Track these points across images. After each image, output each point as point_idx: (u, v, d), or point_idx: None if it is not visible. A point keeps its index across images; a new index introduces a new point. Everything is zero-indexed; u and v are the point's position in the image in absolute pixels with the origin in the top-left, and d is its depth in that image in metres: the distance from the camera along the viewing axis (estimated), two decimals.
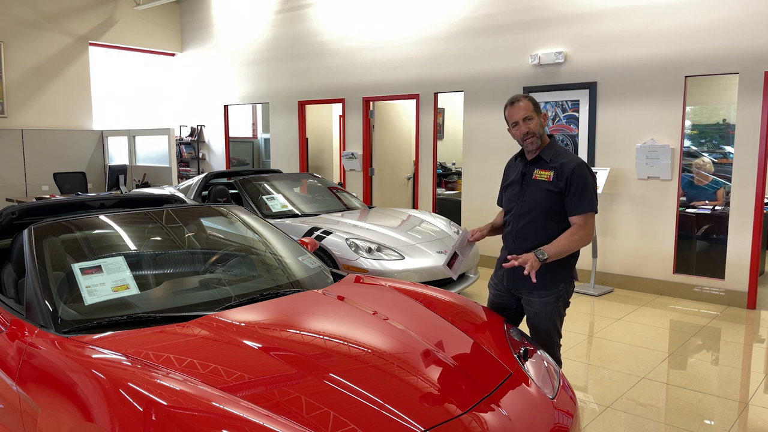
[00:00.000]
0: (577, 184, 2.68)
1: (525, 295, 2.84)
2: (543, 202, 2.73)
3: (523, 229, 2.78)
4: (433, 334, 2.40)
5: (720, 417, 3.40)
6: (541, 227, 2.74)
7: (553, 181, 2.71)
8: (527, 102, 2.75)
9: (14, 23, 8.90)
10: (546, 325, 2.83)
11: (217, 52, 10.29)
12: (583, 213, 2.69)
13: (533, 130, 2.74)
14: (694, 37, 5.60)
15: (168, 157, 8.98)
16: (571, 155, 2.78)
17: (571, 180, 2.68)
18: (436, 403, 1.93)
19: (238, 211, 3.42)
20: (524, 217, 2.78)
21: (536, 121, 2.74)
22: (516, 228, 2.82)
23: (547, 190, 2.72)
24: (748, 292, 5.50)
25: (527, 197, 2.78)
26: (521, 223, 2.79)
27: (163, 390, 1.79)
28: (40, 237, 2.61)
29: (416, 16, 7.63)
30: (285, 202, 6.04)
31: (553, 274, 2.76)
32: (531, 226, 2.76)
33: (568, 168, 2.70)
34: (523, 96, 2.79)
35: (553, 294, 2.79)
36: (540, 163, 2.78)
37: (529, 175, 2.79)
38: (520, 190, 2.81)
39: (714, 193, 6.41)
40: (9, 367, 2.22)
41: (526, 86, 6.70)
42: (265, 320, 2.39)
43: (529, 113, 2.73)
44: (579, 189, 2.68)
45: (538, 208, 2.74)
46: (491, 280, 3.03)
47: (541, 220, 2.74)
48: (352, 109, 8.50)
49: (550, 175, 2.72)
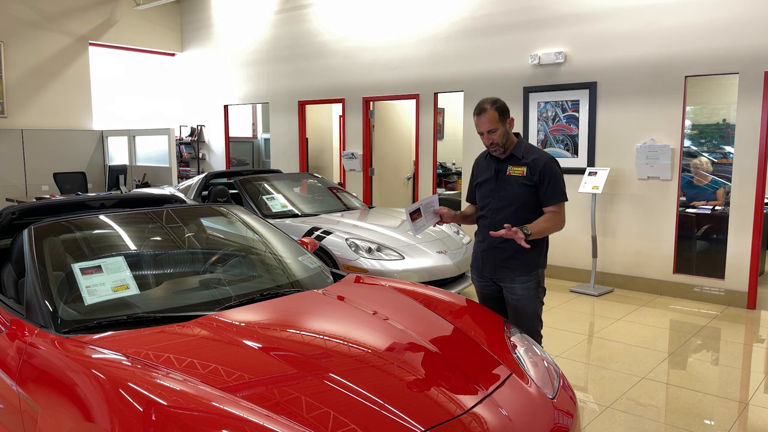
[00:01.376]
0: (550, 178, 2.92)
1: (507, 283, 3.01)
2: (519, 195, 2.94)
3: (502, 221, 2.94)
4: (433, 334, 2.40)
5: (720, 417, 3.40)
6: (518, 218, 2.93)
7: (527, 176, 2.93)
8: (492, 113, 2.88)
9: (14, 23, 8.90)
10: (530, 311, 3.00)
11: (217, 52, 10.29)
12: (557, 202, 2.95)
13: (496, 141, 2.92)
14: (694, 37, 5.60)
15: (168, 157, 8.98)
16: (540, 151, 2.99)
17: (544, 174, 2.91)
18: (436, 403, 1.93)
19: (238, 211, 3.42)
20: (503, 211, 2.98)
21: (500, 132, 2.90)
22: (495, 220, 2.98)
23: (522, 184, 2.94)
24: (748, 292, 5.50)
25: (504, 192, 2.98)
26: (500, 215, 2.97)
27: (163, 390, 1.79)
28: (40, 237, 2.61)
29: (416, 16, 7.63)
30: (285, 202, 6.04)
31: (531, 259, 2.97)
32: (510, 218, 2.93)
33: (540, 163, 2.92)
34: (489, 105, 2.89)
35: (533, 279, 2.98)
36: (512, 160, 2.98)
37: (503, 172, 2.99)
38: (495, 186, 3.00)
39: (714, 193, 6.41)
40: (9, 367, 2.22)
41: (526, 86, 6.71)
42: (265, 320, 2.39)
43: (493, 125, 2.88)
44: (552, 181, 2.92)
45: (515, 201, 2.95)
46: (472, 273, 3.20)
47: (518, 212, 2.95)
48: (352, 109, 8.50)
49: (524, 170, 2.94)
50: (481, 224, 3.09)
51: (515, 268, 2.97)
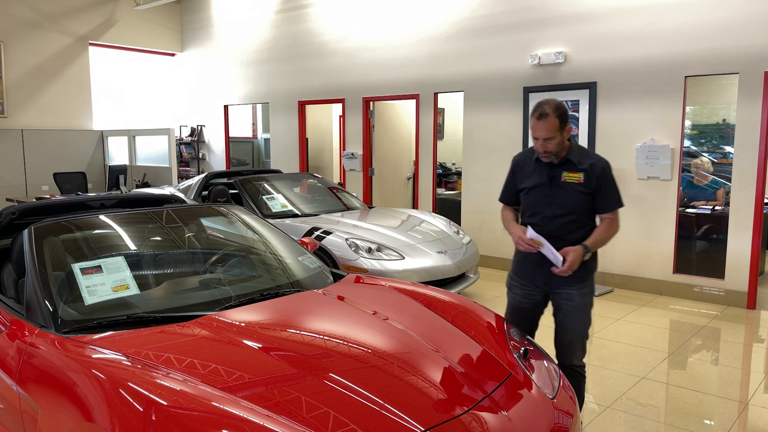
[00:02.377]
0: (607, 184, 2.79)
1: (563, 290, 2.87)
2: (575, 203, 2.79)
3: (558, 230, 2.81)
4: (433, 334, 2.40)
5: (720, 417, 3.40)
6: (576, 227, 2.82)
7: (585, 183, 2.77)
8: (553, 121, 2.68)
9: (14, 23, 8.90)
10: (583, 317, 2.89)
11: (217, 52, 10.29)
12: (615, 209, 2.82)
13: (551, 150, 2.74)
14: (694, 37, 5.60)
15: (168, 157, 8.98)
16: (595, 156, 2.82)
17: (602, 180, 2.77)
18: (436, 403, 1.93)
19: (238, 211, 3.42)
20: (557, 219, 2.82)
21: (556, 141, 2.72)
22: (549, 229, 2.82)
23: (579, 191, 2.78)
24: (748, 292, 5.50)
25: (560, 200, 2.81)
26: (554, 224, 2.82)
27: (163, 390, 1.79)
28: (40, 237, 2.61)
29: (416, 16, 7.63)
30: (285, 202, 6.04)
31: (588, 265, 2.86)
32: (567, 227, 2.81)
33: (597, 169, 2.77)
34: (552, 111, 2.69)
35: (588, 284, 2.90)
36: (568, 165, 2.80)
37: (558, 178, 2.81)
38: (549, 193, 2.83)
39: (713, 193, 6.41)
40: (9, 367, 2.22)
41: (526, 86, 6.71)
42: (265, 320, 2.39)
43: (551, 133, 2.70)
44: (609, 188, 2.79)
45: (573, 209, 2.80)
46: (512, 281, 3.01)
47: (576, 220, 2.81)
48: (352, 109, 8.50)
49: (580, 177, 2.77)
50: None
51: (574, 275, 2.81)
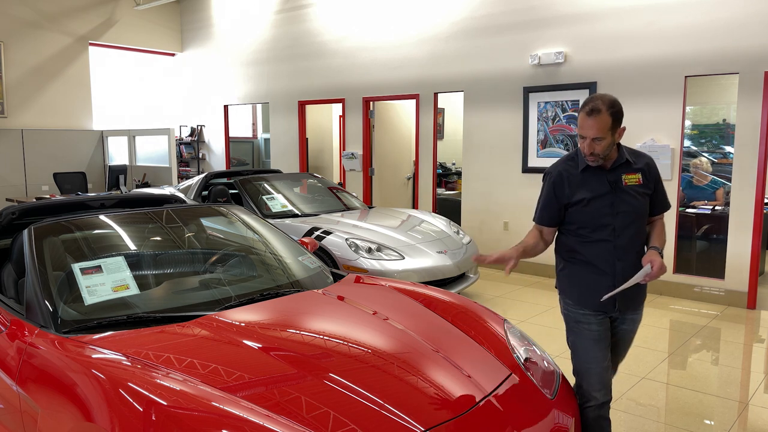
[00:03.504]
0: (660, 183, 2.57)
1: (630, 314, 2.60)
2: (639, 207, 2.49)
3: (627, 243, 2.48)
4: (433, 334, 2.40)
5: (720, 417, 3.40)
6: (640, 235, 2.54)
7: (644, 184, 2.49)
8: (605, 119, 2.32)
9: (14, 23, 8.90)
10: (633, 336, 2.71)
11: (217, 52, 10.29)
12: (667, 209, 2.63)
13: (599, 152, 2.38)
14: (694, 37, 5.60)
15: (168, 157, 8.98)
16: (643, 153, 2.58)
17: (658, 179, 2.55)
18: (436, 403, 1.93)
19: (238, 211, 3.42)
20: (628, 229, 2.48)
21: (606, 143, 2.36)
22: (622, 242, 2.47)
23: (642, 194, 2.49)
24: (748, 292, 5.50)
25: (626, 206, 2.46)
26: (626, 235, 2.47)
27: (163, 390, 1.79)
28: (40, 237, 2.61)
29: (416, 16, 7.63)
30: (285, 202, 6.04)
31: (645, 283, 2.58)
32: (635, 237, 2.50)
33: (653, 167, 2.54)
34: (606, 107, 2.32)
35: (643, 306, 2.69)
36: (625, 166, 2.48)
37: (620, 182, 2.47)
38: (615, 200, 2.46)
39: (713, 193, 6.41)
40: (9, 367, 2.22)
41: (526, 86, 6.70)
42: (265, 320, 2.39)
43: (602, 133, 2.34)
44: (662, 187, 2.58)
45: (638, 215, 2.49)
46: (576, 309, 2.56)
47: (642, 228, 2.54)
48: (352, 109, 8.50)
49: (639, 177, 2.49)
50: (595, 251, 2.49)
51: (643, 295, 2.59)
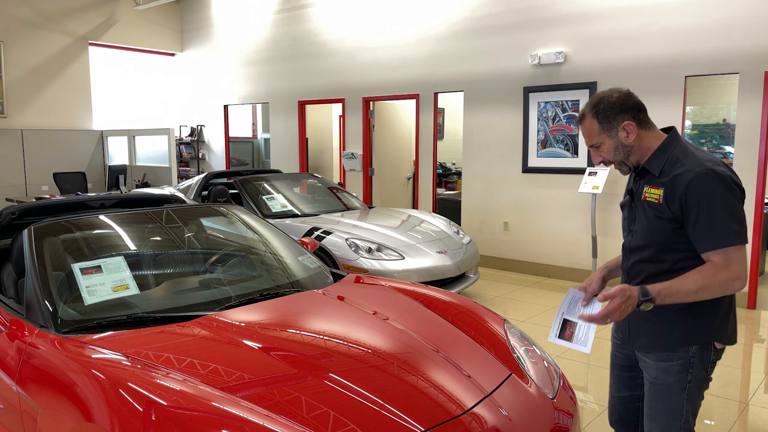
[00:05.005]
0: (699, 205, 1.80)
1: (641, 355, 2.04)
2: (654, 233, 1.93)
3: (634, 269, 2.02)
4: (433, 334, 2.40)
5: (720, 417, 3.40)
6: (655, 270, 1.94)
7: (663, 204, 1.88)
8: (590, 123, 1.98)
9: (14, 23, 8.90)
10: (666, 406, 1.96)
11: (217, 52, 10.29)
12: (719, 247, 1.79)
13: (607, 159, 2.01)
14: (694, 37, 5.60)
15: (168, 157, 8.98)
16: (694, 160, 1.86)
17: (688, 200, 1.82)
18: (436, 403, 1.93)
19: (238, 211, 3.42)
20: (635, 253, 2.01)
21: (609, 146, 1.97)
22: (626, 266, 2.07)
23: (655, 216, 1.91)
24: (748, 292, 5.50)
25: (637, 225, 2.00)
26: (632, 260, 2.03)
27: (163, 390, 1.79)
28: (40, 237, 2.61)
29: (416, 16, 7.63)
30: (285, 202, 6.04)
31: (679, 328, 1.93)
32: (643, 268, 1.98)
33: (682, 183, 1.83)
34: (589, 109, 1.98)
35: (678, 359, 1.93)
36: (648, 177, 1.97)
37: (639, 195, 1.99)
38: (629, 214, 2.06)
39: None
40: (9, 367, 2.22)
41: (526, 86, 6.70)
42: (265, 320, 2.39)
43: (594, 139, 1.99)
44: (703, 212, 1.80)
45: (650, 240, 1.94)
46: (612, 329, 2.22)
47: (654, 259, 1.94)
48: (352, 109, 8.50)
49: (660, 194, 1.89)
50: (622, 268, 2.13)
51: (653, 336, 1.97)
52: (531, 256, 6.82)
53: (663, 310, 1.87)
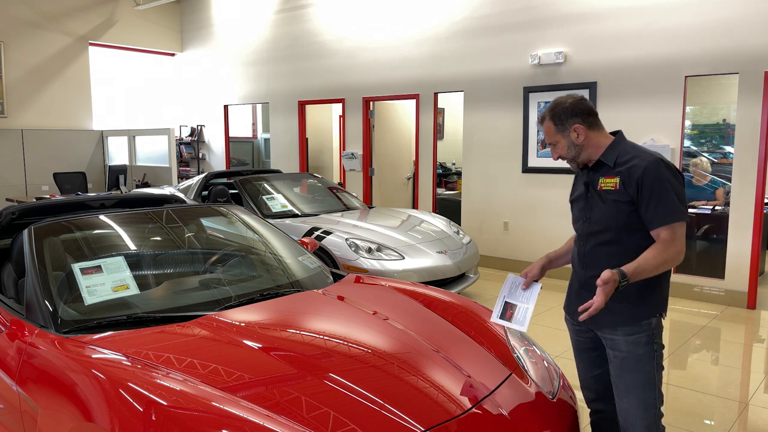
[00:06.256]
0: (652, 188, 2.08)
1: (607, 334, 2.22)
2: (613, 217, 2.17)
3: (591, 253, 2.24)
4: (433, 334, 2.40)
5: (720, 417, 3.40)
6: (614, 250, 2.18)
7: (620, 190, 2.15)
8: (547, 124, 2.27)
9: (14, 23, 8.90)
10: (639, 378, 2.16)
11: (217, 52, 10.29)
12: (667, 223, 2.07)
13: (562, 155, 2.28)
14: (694, 37, 5.60)
15: (168, 157, 8.99)
16: (643, 152, 2.18)
17: (643, 183, 2.10)
18: (436, 403, 1.93)
19: (238, 211, 3.42)
20: (592, 238, 2.23)
21: (563, 144, 2.25)
22: (583, 251, 2.28)
23: (614, 201, 2.16)
24: (748, 292, 5.50)
25: (595, 213, 2.22)
26: (588, 245, 2.25)
27: (163, 390, 1.79)
28: (40, 237, 2.61)
29: (416, 16, 7.63)
30: (285, 202, 6.04)
31: (643, 301, 2.16)
32: (602, 250, 2.21)
33: (637, 170, 2.12)
34: (547, 113, 2.28)
35: (644, 330, 2.16)
36: (604, 169, 2.23)
37: (594, 185, 2.24)
38: (585, 205, 2.28)
39: (713, 192, 6.41)
40: (9, 367, 2.22)
41: (526, 86, 6.71)
42: (265, 320, 2.39)
43: (551, 138, 2.27)
44: (656, 194, 2.08)
45: (609, 225, 2.18)
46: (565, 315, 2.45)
47: (614, 241, 2.18)
48: (352, 109, 8.50)
49: (616, 182, 2.16)
50: (573, 254, 2.37)
51: (618, 313, 2.15)
52: (531, 256, 6.82)
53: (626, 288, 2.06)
